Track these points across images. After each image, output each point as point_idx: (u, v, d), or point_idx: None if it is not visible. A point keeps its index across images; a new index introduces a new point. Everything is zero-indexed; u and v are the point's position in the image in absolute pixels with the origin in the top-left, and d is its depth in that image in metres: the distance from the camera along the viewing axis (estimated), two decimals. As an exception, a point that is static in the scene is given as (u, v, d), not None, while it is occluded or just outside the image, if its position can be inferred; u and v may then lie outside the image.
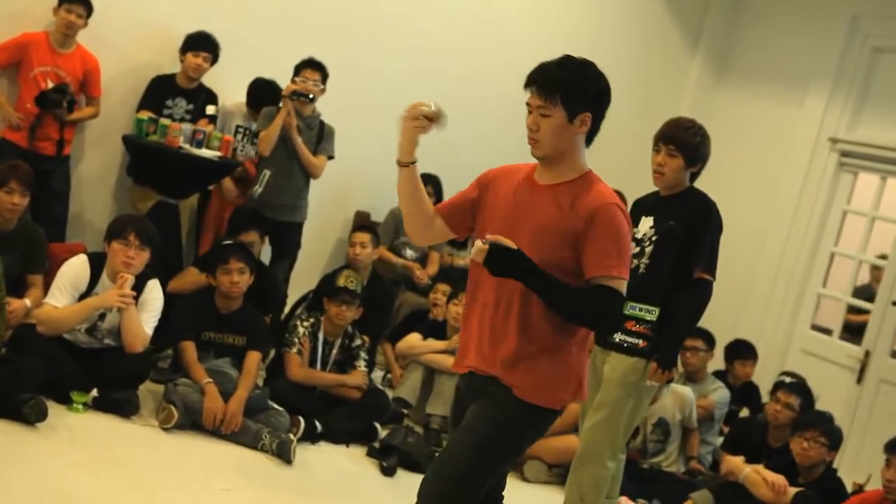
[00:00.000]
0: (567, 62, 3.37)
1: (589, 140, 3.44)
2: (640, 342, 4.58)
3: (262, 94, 6.85)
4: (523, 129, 8.61)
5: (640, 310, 4.60)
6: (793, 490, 5.34)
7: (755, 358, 7.17)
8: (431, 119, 3.45)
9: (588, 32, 8.62)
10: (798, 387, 6.15)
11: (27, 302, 5.62)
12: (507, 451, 3.42)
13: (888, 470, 5.06)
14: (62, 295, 5.40)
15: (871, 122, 7.87)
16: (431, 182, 7.52)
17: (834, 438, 5.55)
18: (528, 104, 3.44)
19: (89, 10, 6.50)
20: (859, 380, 7.45)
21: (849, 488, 5.76)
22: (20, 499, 4.15)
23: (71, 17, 6.44)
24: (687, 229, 4.55)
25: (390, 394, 6.19)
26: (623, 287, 3.25)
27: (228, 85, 7.06)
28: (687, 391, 6.25)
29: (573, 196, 3.31)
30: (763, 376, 7.31)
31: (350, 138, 7.07)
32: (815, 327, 8.10)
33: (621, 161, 8.37)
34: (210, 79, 6.98)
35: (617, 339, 4.63)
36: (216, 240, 6.67)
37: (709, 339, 6.78)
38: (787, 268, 8.15)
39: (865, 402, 7.40)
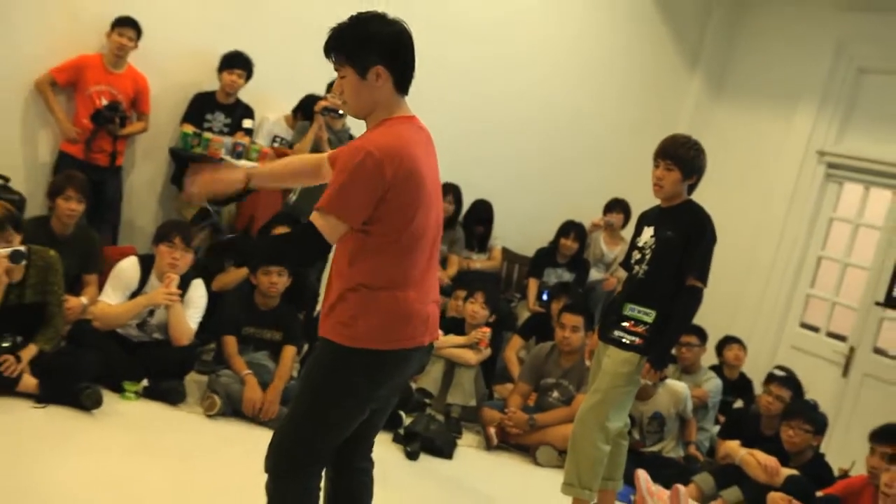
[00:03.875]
0: (347, 21, 3.03)
1: (402, 89, 3.08)
2: (637, 340, 4.62)
3: (310, 108, 6.86)
4: (530, 131, 8.57)
5: (639, 312, 4.65)
6: (785, 471, 5.37)
7: (740, 343, 7.17)
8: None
9: (593, 54, 8.68)
10: (789, 381, 6.18)
11: (84, 300, 5.68)
12: (336, 397, 3.06)
13: (872, 457, 5.08)
14: (115, 293, 5.48)
15: (856, 136, 7.86)
16: (452, 191, 7.56)
17: (817, 424, 5.58)
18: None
19: (139, 33, 6.58)
20: (845, 373, 7.45)
21: (835, 473, 5.78)
22: (76, 478, 4.21)
23: (122, 40, 6.52)
24: (683, 239, 4.58)
25: (413, 385, 6.21)
26: (323, 220, 2.91)
27: (264, 97, 7.15)
28: (681, 386, 6.27)
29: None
30: (756, 371, 7.31)
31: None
32: (804, 325, 8.10)
33: (626, 172, 8.44)
34: (249, 93, 7.05)
35: (616, 336, 4.69)
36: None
37: (701, 335, 6.80)
38: (778, 270, 8.16)
39: (850, 394, 7.39)
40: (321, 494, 3.23)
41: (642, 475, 5.40)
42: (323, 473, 3.22)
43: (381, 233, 2.99)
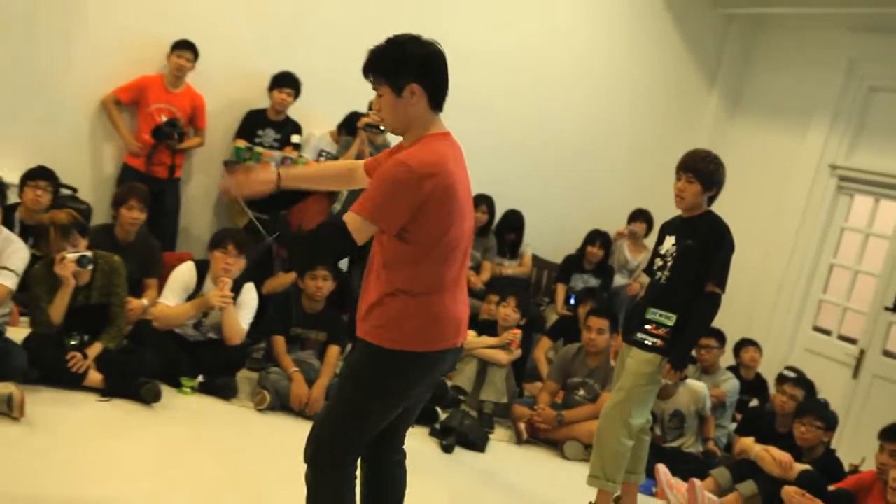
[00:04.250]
0: (384, 43, 3.03)
1: (436, 106, 3.08)
2: (658, 342, 4.61)
3: (354, 124, 6.88)
4: (559, 147, 8.55)
5: (660, 315, 4.63)
6: (798, 466, 5.32)
7: (756, 345, 7.14)
8: None
9: (619, 76, 8.69)
10: (802, 381, 6.14)
11: (144, 301, 5.75)
12: (374, 395, 3.08)
13: (881, 455, 5.04)
14: (173, 296, 5.51)
15: (867, 151, 7.81)
16: (486, 201, 7.57)
17: (828, 421, 5.52)
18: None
19: (196, 55, 6.64)
20: (855, 375, 7.39)
21: (846, 469, 5.73)
22: (136, 465, 4.27)
23: (181, 62, 6.59)
24: (703, 247, 4.56)
25: (449, 383, 6.21)
26: (356, 221, 2.91)
27: (311, 114, 7.19)
28: (700, 386, 6.23)
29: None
30: (771, 372, 7.27)
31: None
32: (817, 329, 8.04)
33: (649, 184, 8.43)
34: (297, 111, 7.10)
35: (639, 338, 4.68)
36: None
37: (720, 338, 6.76)
38: (792, 277, 8.11)
39: (860, 394, 7.33)
40: (358, 484, 3.23)
41: (662, 469, 5.38)
42: (358, 464, 3.23)
43: (419, 242, 3.00)
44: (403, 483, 3.40)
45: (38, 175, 5.78)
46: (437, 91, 3.05)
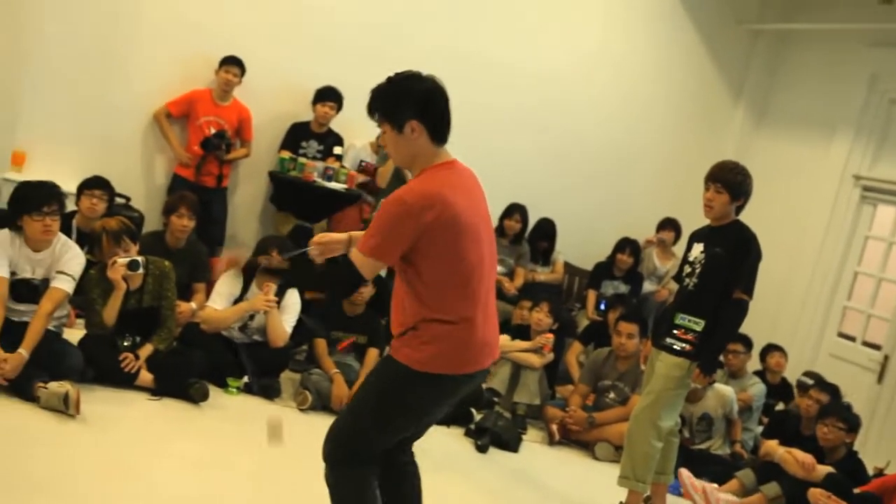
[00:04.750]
0: (384, 83, 3.05)
1: (439, 139, 3.03)
2: (687, 346, 4.57)
3: None
4: (591, 158, 8.50)
5: (689, 321, 4.59)
6: (821, 468, 5.23)
7: (782, 351, 7.05)
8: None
9: (650, 91, 8.64)
10: (828, 386, 6.05)
11: (193, 305, 5.76)
12: (399, 411, 3.07)
13: (905, 457, 4.96)
14: (220, 300, 5.52)
15: (889, 161, 7.71)
16: (519, 210, 7.53)
17: (850, 423, 5.44)
18: None
19: (243, 70, 6.67)
20: (879, 380, 7.27)
21: (870, 472, 5.63)
22: (184, 460, 4.27)
23: (229, 76, 6.61)
24: (730, 255, 4.51)
25: (484, 385, 6.16)
26: (359, 258, 2.94)
27: (352, 126, 7.15)
28: (728, 390, 6.16)
29: None
30: (796, 376, 7.16)
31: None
32: (841, 335, 7.92)
33: (677, 194, 8.37)
34: (338, 123, 7.09)
35: (668, 343, 4.63)
36: None
37: (747, 343, 6.69)
38: (817, 284, 8.00)
39: (885, 399, 7.21)
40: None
41: (685, 473, 5.31)
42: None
43: (434, 273, 2.97)
44: (418, 477, 3.37)
45: (94, 184, 5.81)
46: (437, 125, 3.01)
